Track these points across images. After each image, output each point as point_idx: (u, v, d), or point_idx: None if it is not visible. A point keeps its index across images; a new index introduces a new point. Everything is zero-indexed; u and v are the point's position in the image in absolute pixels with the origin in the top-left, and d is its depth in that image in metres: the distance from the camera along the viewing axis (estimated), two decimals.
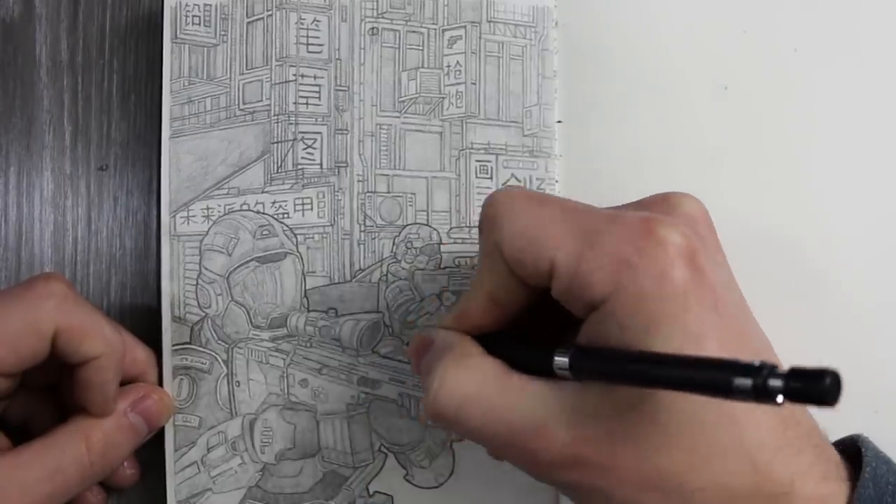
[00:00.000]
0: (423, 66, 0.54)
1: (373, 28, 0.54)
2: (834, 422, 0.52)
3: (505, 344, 0.42)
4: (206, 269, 0.52)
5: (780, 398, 0.29)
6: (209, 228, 0.53)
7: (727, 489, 0.36)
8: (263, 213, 0.53)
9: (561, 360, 0.38)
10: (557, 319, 0.41)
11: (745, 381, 0.30)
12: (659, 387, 0.34)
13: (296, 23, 0.54)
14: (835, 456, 0.40)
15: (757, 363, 0.30)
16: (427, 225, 0.53)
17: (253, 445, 0.52)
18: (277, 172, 0.53)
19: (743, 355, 0.35)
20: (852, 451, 0.41)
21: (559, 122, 0.54)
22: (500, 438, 0.39)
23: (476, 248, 0.53)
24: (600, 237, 0.37)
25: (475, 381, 0.40)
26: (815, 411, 0.52)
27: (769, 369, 0.29)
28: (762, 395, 0.29)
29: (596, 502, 0.39)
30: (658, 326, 0.35)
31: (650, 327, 0.35)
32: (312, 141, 0.53)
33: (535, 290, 0.41)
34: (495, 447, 0.41)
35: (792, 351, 0.52)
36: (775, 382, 0.29)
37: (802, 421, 0.39)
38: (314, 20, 0.54)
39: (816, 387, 0.28)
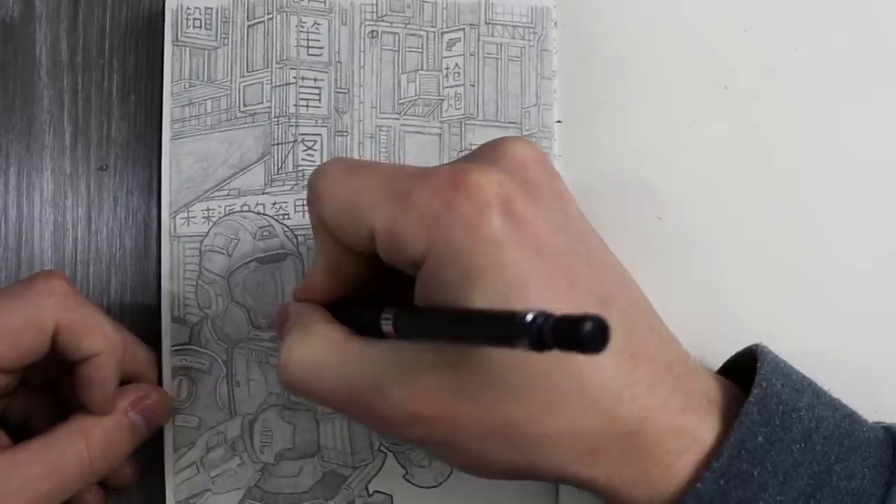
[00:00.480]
0: (422, 69, 0.54)
1: (372, 31, 0.54)
2: None
3: (345, 310, 0.43)
4: (206, 269, 0.52)
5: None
6: (209, 229, 0.53)
7: (574, 434, 0.36)
8: (264, 214, 0.53)
9: (386, 321, 0.39)
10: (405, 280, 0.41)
11: (521, 335, 0.29)
12: (460, 342, 0.35)
13: (296, 26, 0.54)
14: (703, 384, 0.40)
15: (531, 314, 0.29)
16: None
17: (252, 445, 0.52)
18: (278, 174, 0.53)
19: (574, 298, 0.36)
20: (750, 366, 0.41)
21: (558, 122, 0.54)
22: (346, 403, 0.40)
23: None
24: (412, 196, 0.37)
25: (318, 348, 0.40)
26: None
27: (543, 318, 0.28)
28: (538, 344, 0.28)
29: (448, 454, 0.40)
30: (474, 279, 0.35)
31: (466, 281, 0.35)
32: (313, 143, 0.53)
33: (370, 257, 0.41)
34: (345, 411, 0.42)
35: (792, 350, 0.52)
36: (547, 332, 0.28)
37: (658, 356, 0.38)
38: (314, 23, 0.54)
39: (577, 333, 0.27)
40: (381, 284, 0.43)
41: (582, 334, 0.27)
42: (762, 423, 0.38)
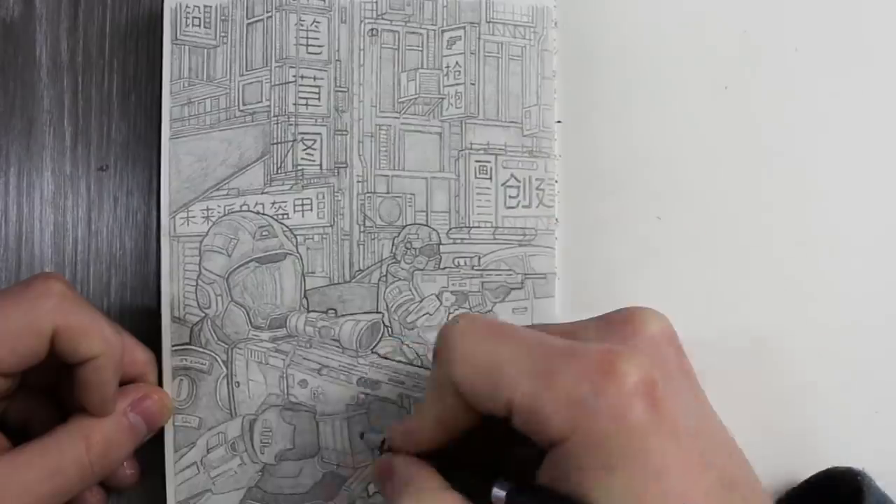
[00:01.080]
0: (422, 67, 0.54)
1: (372, 29, 0.54)
2: (834, 421, 0.52)
3: (452, 472, 0.42)
4: (205, 269, 0.52)
5: None
6: (209, 229, 0.53)
7: None
8: (263, 214, 0.53)
9: (498, 495, 0.39)
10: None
11: None
12: None
13: (295, 24, 0.54)
14: None
15: None
16: (426, 225, 0.53)
17: (252, 446, 0.52)
18: (277, 173, 0.53)
19: (704, 482, 0.36)
20: (849, 486, 0.42)
21: (559, 122, 0.54)
22: None
23: (475, 248, 0.53)
24: (557, 377, 0.37)
25: None
26: (818, 410, 0.52)
27: None
28: None
29: None
30: (617, 466, 0.35)
31: (609, 468, 0.35)
32: (312, 142, 0.53)
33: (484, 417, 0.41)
34: None
35: (793, 349, 0.53)
36: None
37: None
38: (314, 21, 0.54)
39: None
40: (485, 439, 0.43)
41: None
42: None
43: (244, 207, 0.53)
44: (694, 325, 0.52)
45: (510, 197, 0.53)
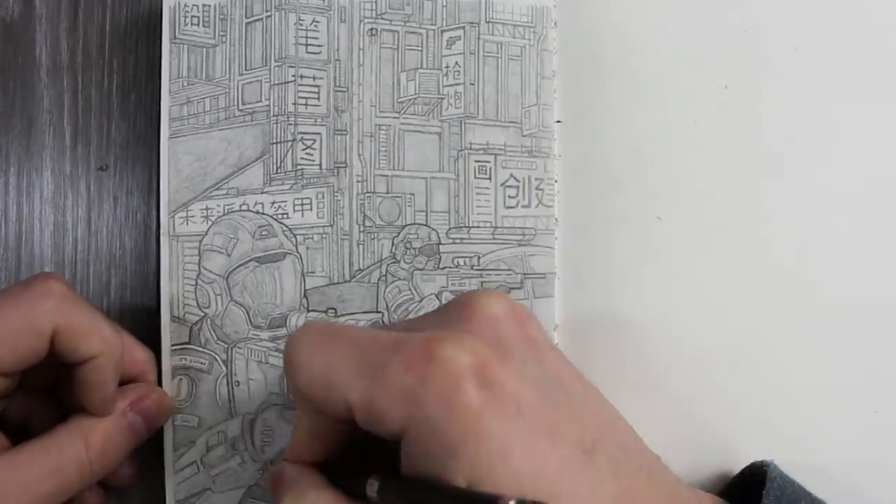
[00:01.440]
0: (421, 67, 0.54)
1: (372, 29, 0.54)
2: (834, 423, 0.52)
3: (335, 472, 0.43)
4: (205, 269, 0.52)
5: None
6: (208, 228, 0.53)
7: None
8: (263, 214, 0.53)
9: (371, 489, 0.39)
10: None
11: None
12: None
13: (295, 23, 0.54)
14: None
15: (499, 498, 0.31)
16: (426, 225, 0.53)
17: (253, 445, 0.52)
18: (277, 173, 0.53)
19: (557, 452, 0.36)
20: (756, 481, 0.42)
21: (558, 122, 0.54)
22: None
23: (474, 248, 0.53)
24: (385, 371, 0.37)
25: None
26: (817, 410, 0.52)
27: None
28: None
29: None
30: (456, 451, 0.35)
31: (450, 454, 0.35)
32: (312, 141, 0.53)
33: (351, 422, 0.41)
34: None
35: (792, 349, 0.53)
36: None
37: (649, 493, 0.39)
38: (313, 21, 0.54)
39: None
40: (370, 442, 0.43)
41: None
42: None
43: (244, 207, 0.53)
44: (694, 325, 0.52)
45: (510, 197, 0.53)
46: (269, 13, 0.54)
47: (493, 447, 0.35)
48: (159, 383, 0.52)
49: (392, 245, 0.53)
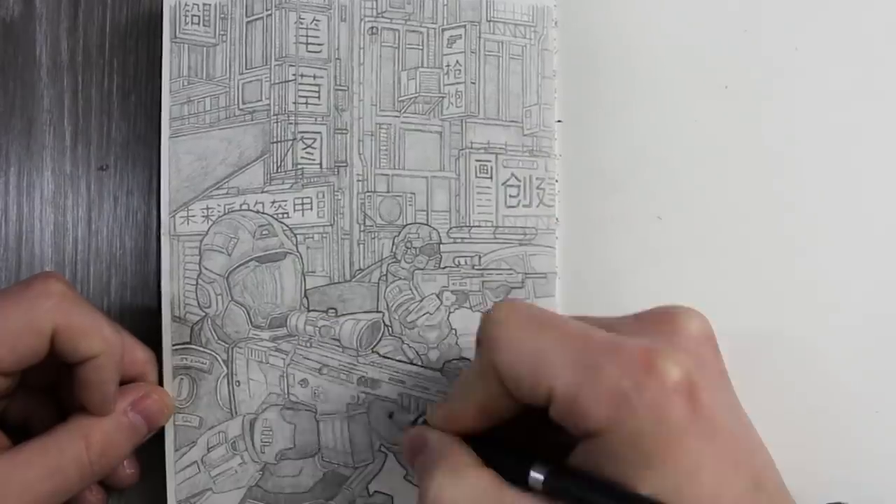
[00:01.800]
0: (422, 66, 0.54)
1: (372, 27, 0.54)
2: (834, 422, 0.52)
3: (494, 451, 0.42)
4: (205, 268, 0.52)
5: None
6: (209, 228, 0.53)
7: None
8: (263, 213, 0.53)
9: (536, 477, 0.39)
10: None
11: None
12: None
13: (295, 22, 0.54)
14: None
15: None
16: (427, 224, 0.53)
17: (253, 445, 0.52)
18: (277, 172, 0.53)
19: (736, 482, 0.36)
20: None
21: (559, 121, 0.54)
22: None
23: (475, 247, 0.53)
24: (599, 370, 0.37)
25: (469, 495, 0.40)
26: (817, 411, 0.52)
27: None
28: None
29: None
30: (653, 463, 0.36)
31: (645, 464, 0.36)
32: (312, 140, 0.53)
33: (526, 406, 0.41)
34: None
35: (792, 350, 0.53)
36: None
37: None
38: (313, 20, 0.54)
39: None
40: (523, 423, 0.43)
41: None
42: None
43: (244, 206, 0.53)
44: None
45: (510, 196, 0.53)
46: (269, 12, 0.53)
47: (687, 466, 0.36)
48: (160, 383, 0.52)
49: (393, 244, 0.53)
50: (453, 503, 0.40)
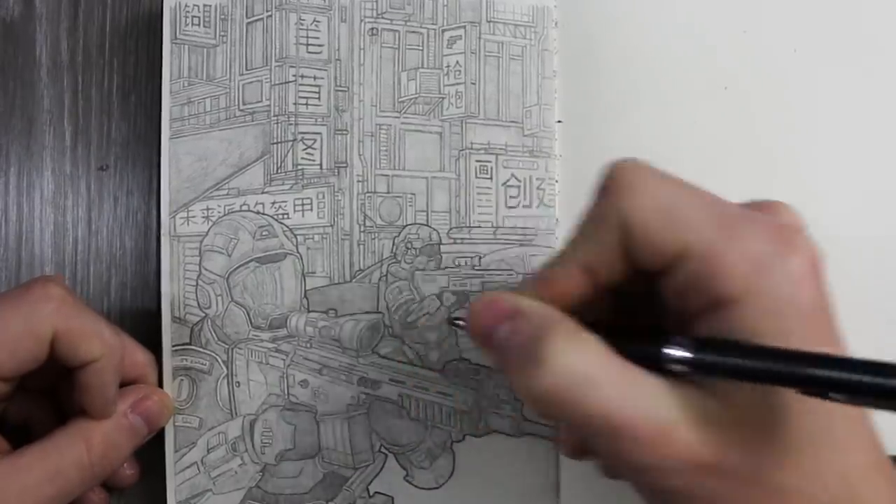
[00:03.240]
0: (422, 67, 0.54)
1: (372, 28, 0.54)
2: None
3: (603, 328, 0.37)
4: (205, 269, 0.52)
5: None
6: (209, 229, 0.53)
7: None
8: (263, 214, 0.53)
9: (679, 354, 0.35)
10: (637, 308, 0.39)
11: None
12: (807, 387, 0.32)
13: (295, 23, 0.54)
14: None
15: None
16: (427, 225, 0.53)
17: (253, 446, 0.52)
18: (277, 173, 0.53)
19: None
20: None
21: (559, 122, 0.54)
22: (613, 431, 0.34)
23: (475, 248, 0.53)
24: (741, 232, 0.35)
25: (593, 362, 0.35)
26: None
27: None
28: None
29: None
30: (791, 336, 0.34)
31: (783, 336, 0.34)
32: (312, 141, 0.53)
33: (633, 273, 0.38)
34: (600, 439, 0.35)
35: None
36: None
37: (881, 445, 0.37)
38: (314, 21, 0.54)
39: None
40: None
41: None
42: None
43: (244, 207, 0.53)
44: None
45: (511, 197, 0.53)
46: (269, 13, 0.53)
47: (817, 343, 0.34)
48: (160, 384, 0.52)
49: (393, 245, 0.53)
50: (576, 365, 0.35)
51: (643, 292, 0.39)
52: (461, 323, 0.44)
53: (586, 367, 0.35)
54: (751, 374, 0.33)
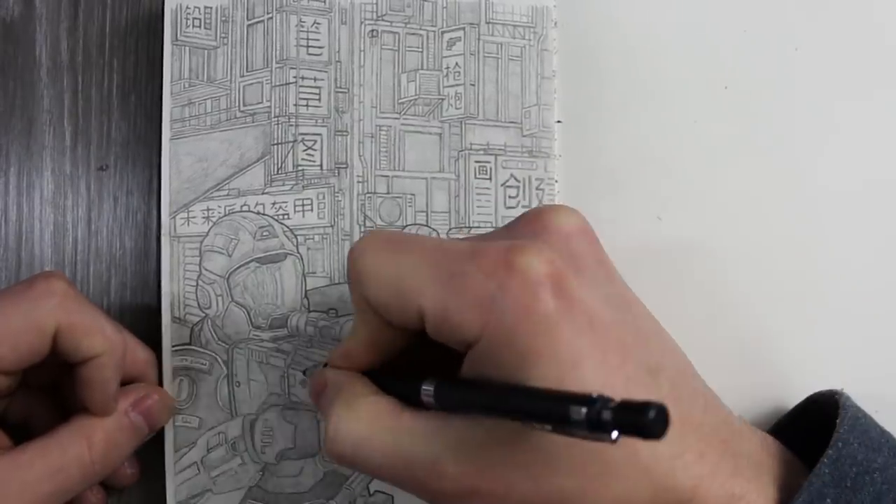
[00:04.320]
0: (422, 68, 0.54)
1: (372, 30, 0.54)
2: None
3: (389, 379, 0.42)
4: (206, 269, 0.52)
5: (614, 434, 0.29)
6: (209, 229, 0.53)
7: None
8: (263, 214, 0.53)
9: (427, 392, 0.38)
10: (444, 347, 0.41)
11: (579, 414, 0.29)
12: (508, 417, 0.35)
13: (296, 25, 0.54)
14: (749, 445, 0.40)
15: (594, 395, 0.29)
16: (427, 226, 0.53)
17: (253, 445, 0.52)
18: (277, 174, 0.53)
19: (624, 371, 0.36)
20: (828, 414, 0.41)
21: (558, 122, 0.54)
22: (398, 475, 0.39)
23: None
24: (462, 278, 0.37)
25: (366, 422, 0.40)
26: None
27: (603, 402, 0.29)
28: (596, 427, 0.29)
29: None
30: (530, 360, 0.35)
31: (523, 362, 0.35)
32: (312, 142, 0.53)
33: (412, 330, 0.40)
34: (398, 484, 0.40)
35: (794, 350, 0.53)
36: (607, 415, 0.28)
37: (705, 420, 0.38)
38: (314, 23, 0.54)
39: (640, 420, 0.28)
40: (420, 349, 0.43)
41: (645, 421, 0.28)
42: (833, 485, 0.38)
43: (245, 208, 0.53)
44: (695, 325, 0.52)
45: (510, 197, 0.53)
46: (270, 15, 0.54)
47: (566, 358, 0.35)
48: (160, 384, 0.51)
49: None
50: (351, 433, 0.40)
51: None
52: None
53: (359, 430, 0.40)
54: (473, 408, 0.37)
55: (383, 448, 0.39)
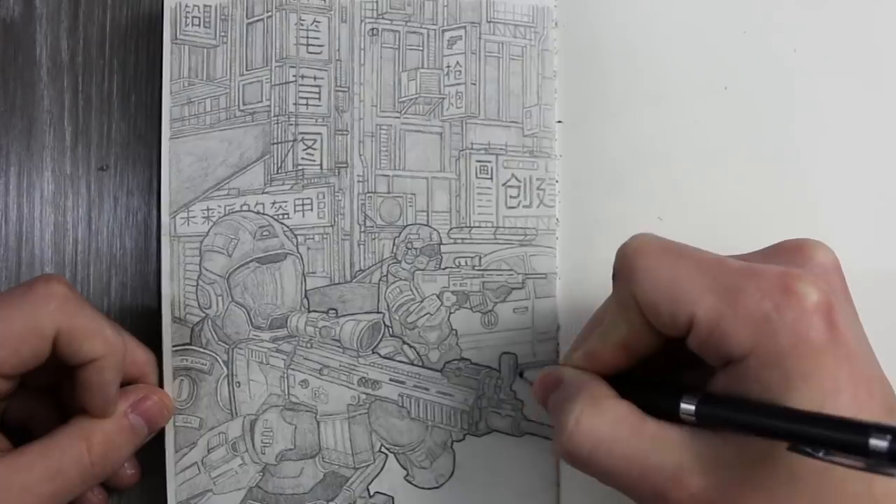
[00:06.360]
0: (422, 67, 0.54)
1: (373, 29, 0.54)
2: None
3: (634, 386, 0.42)
4: (206, 269, 0.52)
5: None
6: (209, 229, 0.53)
7: None
8: (263, 214, 0.53)
9: (687, 408, 0.39)
10: (684, 358, 0.41)
11: (881, 442, 0.30)
12: (779, 439, 0.35)
13: (295, 24, 0.54)
14: None
15: (887, 429, 0.30)
16: (427, 225, 0.53)
17: (253, 446, 0.52)
18: (277, 173, 0.53)
19: (872, 406, 0.36)
20: None
21: (559, 122, 0.54)
22: (633, 482, 0.39)
23: (476, 248, 0.53)
24: (740, 294, 0.37)
25: (610, 424, 0.40)
26: None
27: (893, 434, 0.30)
28: (888, 460, 0.30)
29: None
30: (794, 384, 0.36)
31: (788, 385, 0.36)
32: (312, 142, 0.53)
33: (667, 338, 0.41)
34: (629, 491, 0.40)
35: None
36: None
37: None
38: (314, 21, 0.54)
39: None
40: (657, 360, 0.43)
41: None
42: None
43: (244, 207, 0.53)
44: None
45: (511, 197, 0.53)
46: (269, 13, 0.53)
47: (828, 387, 0.36)
48: (160, 384, 0.52)
49: (393, 245, 0.53)
50: (594, 433, 0.40)
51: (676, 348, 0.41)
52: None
53: (602, 430, 0.40)
54: (743, 427, 0.37)
55: (623, 452, 0.39)
